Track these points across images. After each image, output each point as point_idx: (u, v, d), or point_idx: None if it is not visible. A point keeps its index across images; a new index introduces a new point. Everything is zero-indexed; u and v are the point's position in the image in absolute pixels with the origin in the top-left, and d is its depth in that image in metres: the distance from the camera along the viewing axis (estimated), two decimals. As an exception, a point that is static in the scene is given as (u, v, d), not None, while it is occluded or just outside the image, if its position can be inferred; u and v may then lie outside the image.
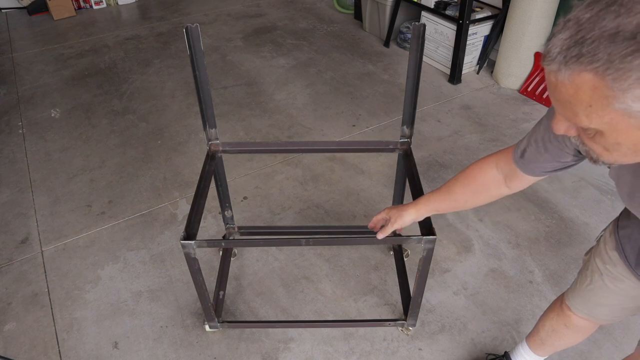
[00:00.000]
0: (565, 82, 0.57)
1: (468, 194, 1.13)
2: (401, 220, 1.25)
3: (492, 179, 1.08)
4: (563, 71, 0.56)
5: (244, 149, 1.83)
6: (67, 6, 4.38)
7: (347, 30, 4.03)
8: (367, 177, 2.49)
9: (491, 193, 1.11)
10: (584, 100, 0.56)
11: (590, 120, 0.59)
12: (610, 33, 0.52)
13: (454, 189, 1.15)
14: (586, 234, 2.13)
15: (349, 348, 1.74)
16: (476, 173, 1.11)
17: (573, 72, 0.55)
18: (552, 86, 0.60)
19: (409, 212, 1.24)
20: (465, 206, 1.17)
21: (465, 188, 1.13)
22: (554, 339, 1.37)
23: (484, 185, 1.10)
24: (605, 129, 0.59)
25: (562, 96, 0.59)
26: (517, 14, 2.89)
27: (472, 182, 1.12)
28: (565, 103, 0.60)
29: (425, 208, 1.23)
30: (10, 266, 2.07)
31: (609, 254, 1.08)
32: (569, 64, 0.55)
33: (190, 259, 1.40)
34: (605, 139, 0.61)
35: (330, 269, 2.02)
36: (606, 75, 0.53)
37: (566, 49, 0.55)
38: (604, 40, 0.52)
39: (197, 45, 1.35)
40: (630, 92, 0.52)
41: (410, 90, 1.47)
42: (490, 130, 2.81)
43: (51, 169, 2.60)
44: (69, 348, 1.76)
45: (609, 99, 0.54)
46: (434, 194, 1.20)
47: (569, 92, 0.57)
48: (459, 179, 1.14)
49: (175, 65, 3.57)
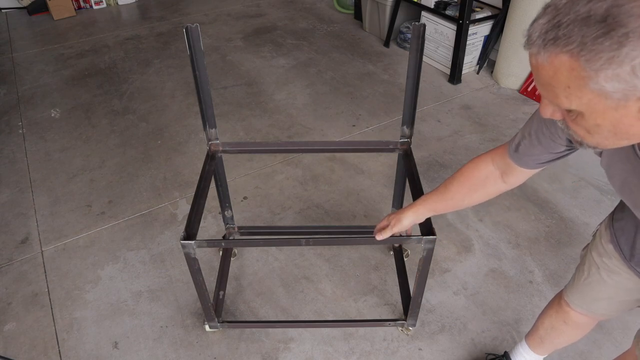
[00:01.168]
0: (544, 64, 0.60)
1: (465, 191, 1.14)
2: (400, 224, 1.26)
3: (489, 175, 1.09)
4: (542, 54, 0.60)
5: (244, 149, 1.84)
6: (67, 6, 4.38)
7: (347, 30, 4.03)
8: (367, 177, 2.49)
9: (488, 190, 1.12)
10: (562, 82, 0.60)
11: (570, 102, 0.62)
12: (583, 17, 0.55)
13: (451, 187, 1.15)
14: (586, 234, 2.13)
15: (349, 348, 1.74)
16: (472, 170, 1.12)
17: (551, 55, 0.59)
18: (534, 69, 0.63)
19: (407, 215, 1.25)
20: (462, 204, 1.17)
21: (462, 186, 1.13)
22: (553, 337, 1.38)
23: (481, 182, 1.11)
24: (584, 110, 0.62)
25: (543, 79, 0.63)
26: (517, 14, 2.89)
27: (468, 179, 1.13)
28: (547, 85, 0.63)
29: (423, 209, 1.23)
30: (10, 266, 2.07)
31: (604, 247, 1.09)
32: (547, 47, 0.59)
33: (190, 259, 1.40)
34: (585, 120, 0.64)
35: (330, 269, 2.02)
36: (580, 56, 0.56)
37: (544, 32, 0.59)
38: (577, 23, 0.55)
39: (197, 45, 1.35)
40: (602, 72, 0.55)
41: (410, 90, 1.47)
42: (490, 130, 2.81)
43: (51, 169, 2.60)
44: (69, 348, 1.76)
45: (585, 79, 0.57)
46: (432, 195, 1.21)
47: (549, 74, 0.61)
48: (455, 178, 1.15)
49: (175, 65, 3.57)
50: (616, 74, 0.55)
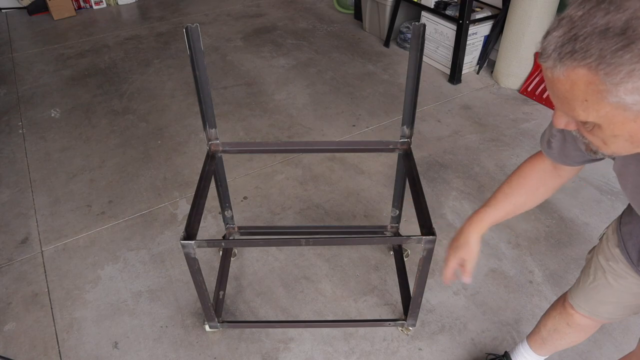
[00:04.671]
0: (560, 78, 0.59)
1: (526, 192, 1.09)
2: (473, 253, 1.12)
3: (545, 171, 1.06)
4: (558, 67, 0.58)
5: (244, 149, 1.84)
6: (67, 6, 4.38)
7: (347, 30, 4.03)
8: (367, 177, 2.49)
9: (548, 186, 1.08)
10: (580, 95, 0.58)
11: (587, 114, 0.60)
12: (601, 29, 0.53)
13: (510, 192, 1.10)
14: (586, 234, 2.13)
15: (349, 348, 1.74)
16: (530, 170, 1.08)
17: (567, 68, 0.57)
18: (549, 82, 0.61)
19: (472, 237, 1.11)
20: (523, 207, 1.11)
21: (522, 187, 1.09)
22: (556, 338, 1.37)
23: (539, 179, 1.07)
24: (602, 122, 0.61)
25: (559, 92, 0.61)
26: (517, 14, 2.89)
27: (527, 179, 1.08)
28: (563, 98, 0.61)
29: (485, 222, 1.12)
30: (10, 266, 2.07)
31: (611, 250, 1.08)
32: (564, 60, 0.57)
33: (190, 259, 1.40)
34: (602, 131, 0.63)
35: (330, 269, 2.02)
36: (599, 70, 0.54)
37: (560, 45, 0.57)
38: (595, 36, 0.54)
39: (197, 45, 1.35)
40: (622, 86, 0.54)
41: (410, 90, 1.47)
42: (490, 130, 2.81)
43: (51, 169, 2.60)
44: (69, 348, 1.76)
45: (603, 93, 0.56)
46: (490, 206, 1.12)
47: (565, 88, 0.59)
48: (512, 181, 1.10)
49: (175, 65, 3.57)
50: (637, 87, 0.53)
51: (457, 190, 2.39)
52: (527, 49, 2.98)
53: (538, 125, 2.83)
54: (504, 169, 2.51)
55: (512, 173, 1.11)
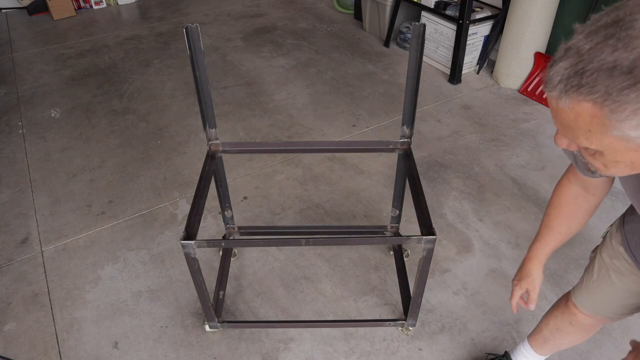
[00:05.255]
0: (565, 109, 0.59)
1: (565, 220, 1.11)
2: (537, 284, 1.19)
3: (577, 195, 1.07)
4: (564, 99, 0.58)
5: (244, 149, 1.83)
6: (67, 6, 4.38)
7: (347, 30, 4.03)
8: (367, 177, 2.49)
9: (584, 208, 1.09)
10: (584, 126, 0.59)
11: (590, 143, 0.61)
12: (609, 67, 0.54)
13: (551, 224, 1.13)
14: (586, 234, 2.13)
15: (349, 348, 1.74)
16: (559, 200, 1.10)
17: (573, 101, 0.58)
18: (554, 110, 0.62)
19: (535, 271, 1.18)
20: (571, 233, 1.13)
21: (560, 217, 1.11)
22: (558, 338, 1.37)
23: (574, 204, 1.09)
24: (604, 150, 0.62)
25: (563, 120, 0.62)
26: (517, 14, 2.89)
27: (562, 207, 1.10)
28: (567, 127, 0.62)
29: (542, 256, 1.17)
30: (10, 266, 2.07)
31: (615, 248, 1.09)
32: (569, 93, 0.57)
33: (190, 259, 1.40)
34: (604, 157, 0.64)
35: (330, 269, 2.02)
36: (604, 106, 0.55)
37: (567, 78, 0.57)
38: (602, 73, 0.54)
39: (197, 45, 1.35)
40: (627, 123, 0.55)
41: (410, 90, 1.47)
42: (490, 130, 2.81)
43: (51, 169, 2.60)
44: (69, 348, 1.76)
45: (607, 126, 0.57)
46: (539, 240, 1.16)
47: (569, 118, 0.60)
48: (549, 213, 1.13)
49: (175, 65, 3.57)
50: None
51: (457, 190, 2.39)
52: (527, 49, 2.98)
53: (538, 125, 2.83)
54: (504, 169, 2.51)
55: (548, 204, 1.13)
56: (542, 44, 2.99)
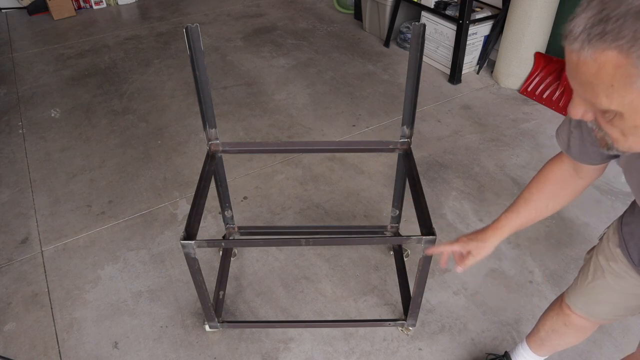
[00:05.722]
0: (587, 60, 0.56)
1: (548, 196, 1.07)
2: (485, 252, 1.12)
3: (565, 174, 1.04)
4: (586, 49, 0.56)
5: (244, 149, 1.83)
6: (67, 6, 4.38)
7: (347, 30, 4.03)
8: (367, 177, 2.49)
9: (569, 189, 1.06)
10: (606, 80, 0.56)
11: (610, 101, 0.58)
12: (637, 10, 0.51)
13: (531, 197, 1.08)
14: (586, 234, 2.13)
15: (349, 348, 1.74)
16: (549, 173, 1.07)
17: (596, 50, 0.55)
18: (574, 66, 0.59)
19: (491, 241, 1.10)
20: (546, 212, 1.09)
21: (542, 192, 1.07)
22: (554, 339, 1.37)
23: (561, 182, 1.05)
24: (625, 111, 0.59)
25: (583, 76, 0.59)
26: (517, 14, 2.89)
27: (547, 184, 1.06)
28: (586, 84, 0.59)
29: (507, 228, 1.10)
30: (10, 266, 2.07)
31: (612, 250, 1.08)
32: (592, 42, 0.55)
33: (190, 259, 1.40)
34: (624, 121, 0.61)
35: (330, 269, 2.02)
36: (631, 52, 0.52)
37: (590, 27, 0.55)
38: (629, 17, 0.52)
39: (197, 45, 1.35)
40: None
41: (410, 90, 1.47)
42: (490, 130, 2.81)
43: (51, 169, 2.60)
44: (69, 348, 1.76)
45: (632, 77, 0.54)
46: (512, 211, 1.10)
47: (591, 72, 0.57)
48: (533, 186, 1.08)
49: (175, 65, 3.57)
50: None
51: (457, 190, 2.39)
52: (527, 49, 2.98)
53: (538, 125, 2.83)
54: (504, 169, 2.51)
55: (533, 178, 1.09)
56: (542, 44, 2.99)
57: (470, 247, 1.12)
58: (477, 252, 1.12)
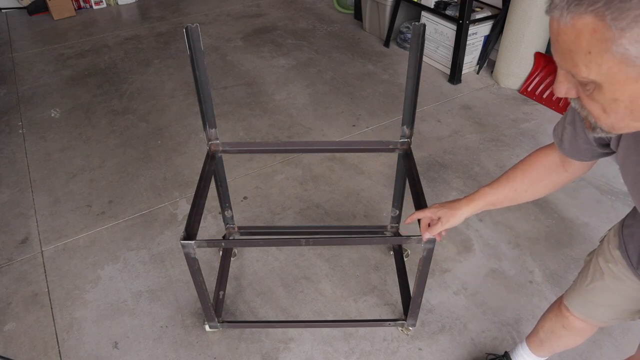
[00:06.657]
0: (566, 27, 0.58)
1: (529, 181, 1.08)
2: (454, 220, 1.15)
3: (552, 164, 1.05)
4: (565, 16, 0.58)
5: (244, 149, 1.83)
6: (67, 6, 4.38)
7: (347, 30, 4.03)
8: (367, 177, 2.49)
9: (552, 179, 1.07)
10: (584, 47, 0.58)
11: (589, 71, 0.60)
12: None
13: (514, 177, 1.09)
14: (586, 234, 2.13)
15: (349, 348, 1.74)
16: (536, 159, 1.07)
17: (574, 16, 0.57)
18: (554, 35, 0.61)
19: (463, 210, 1.14)
20: (524, 197, 1.10)
21: (526, 175, 1.08)
22: (553, 340, 1.37)
23: (545, 170, 1.06)
24: (603, 81, 0.60)
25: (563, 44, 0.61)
26: (517, 14, 2.89)
27: (532, 168, 1.07)
28: (566, 52, 0.61)
29: (481, 203, 1.13)
30: (10, 266, 2.07)
31: (612, 252, 1.07)
32: (571, 8, 0.57)
33: (190, 259, 1.40)
34: (603, 94, 0.62)
35: (330, 269, 2.02)
36: (606, 15, 0.54)
37: None
38: None
39: (197, 45, 1.35)
40: (628, 32, 0.54)
41: (410, 90, 1.47)
42: (490, 130, 2.81)
43: (51, 169, 2.60)
44: (69, 348, 1.76)
45: (608, 42, 0.55)
46: (491, 186, 1.12)
47: (570, 39, 0.59)
48: (518, 167, 1.09)
49: (175, 65, 3.57)
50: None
51: (457, 190, 2.39)
52: (527, 49, 2.98)
53: (538, 125, 2.83)
54: (504, 169, 2.51)
55: (521, 160, 1.10)
56: (542, 44, 2.99)
57: (440, 214, 1.17)
58: (446, 219, 1.16)
